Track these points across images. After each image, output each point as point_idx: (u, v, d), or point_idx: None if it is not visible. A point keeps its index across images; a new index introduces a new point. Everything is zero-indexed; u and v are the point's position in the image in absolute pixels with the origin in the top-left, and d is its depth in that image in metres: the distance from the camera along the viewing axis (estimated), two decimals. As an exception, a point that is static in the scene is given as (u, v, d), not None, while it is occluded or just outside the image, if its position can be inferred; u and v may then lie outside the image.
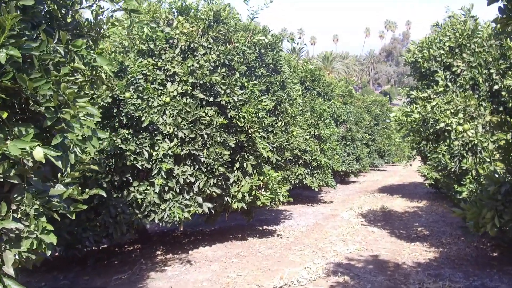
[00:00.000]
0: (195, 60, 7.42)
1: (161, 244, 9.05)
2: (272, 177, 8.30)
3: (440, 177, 12.80)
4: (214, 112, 7.49)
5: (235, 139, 7.73)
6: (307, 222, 11.14)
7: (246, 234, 9.60)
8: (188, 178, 7.38)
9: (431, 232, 9.65)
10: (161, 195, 7.35)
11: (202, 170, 7.45)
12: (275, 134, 9.21)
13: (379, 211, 12.42)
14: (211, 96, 7.55)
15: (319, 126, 13.33)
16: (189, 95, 7.45)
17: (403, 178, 22.23)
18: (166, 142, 7.26)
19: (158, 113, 7.23)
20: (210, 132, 7.34)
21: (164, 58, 7.49)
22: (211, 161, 7.33)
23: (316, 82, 14.62)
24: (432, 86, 7.79)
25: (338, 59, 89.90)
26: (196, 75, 7.34)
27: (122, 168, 7.21)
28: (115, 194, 7.17)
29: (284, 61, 9.87)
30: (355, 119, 19.24)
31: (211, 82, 7.46)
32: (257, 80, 8.69)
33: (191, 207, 7.55)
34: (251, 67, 8.70)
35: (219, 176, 7.58)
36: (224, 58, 7.60)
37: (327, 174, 13.62)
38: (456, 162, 7.05)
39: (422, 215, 11.72)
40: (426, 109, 7.53)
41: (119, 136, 6.86)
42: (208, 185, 7.48)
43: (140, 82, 7.01)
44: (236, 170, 8.13)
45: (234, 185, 8.10)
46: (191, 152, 7.27)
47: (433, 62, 7.77)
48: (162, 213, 7.35)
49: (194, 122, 7.31)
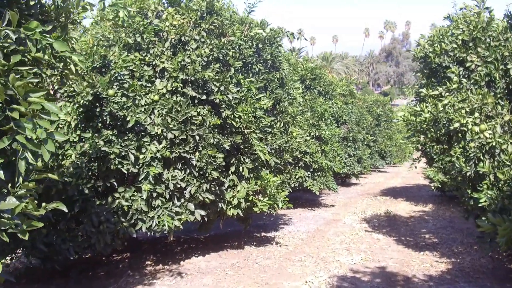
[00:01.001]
0: (186, 55, 6.81)
1: (151, 252, 8.44)
2: (270, 182, 7.69)
3: (447, 180, 12.21)
4: (207, 111, 6.88)
5: (230, 141, 7.12)
6: (307, 228, 10.53)
7: (242, 241, 8.99)
8: (179, 183, 6.77)
9: (440, 239, 9.03)
10: (149, 202, 6.74)
11: (194, 174, 6.83)
12: (274, 135, 8.59)
13: (383, 216, 11.81)
14: (203, 94, 6.94)
15: (320, 126, 12.71)
16: (179, 92, 6.84)
17: (406, 180, 21.61)
18: (154, 144, 6.65)
19: (145, 113, 6.61)
20: (203, 133, 6.73)
21: (153, 53, 6.88)
22: (203, 164, 6.72)
23: (316, 81, 14.00)
24: (443, 83, 7.18)
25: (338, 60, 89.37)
26: (187, 71, 6.73)
27: (106, 172, 6.60)
28: (98, 201, 6.56)
29: (283, 57, 9.26)
30: (357, 119, 18.62)
31: (203, 79, 6.85)
32: (254, 77, 8.07)
33: (182, 214, 6.94)
34: (248, 63, 8.09)
35: (213, 181, 6.97)
36: (218, 52, 6.99)
37: (328, 177, 13.00)
38: (472, 166, 6.43)
39: (428, 220, 11.11)
40: (438, 108, 6.91)
41: (101, 138, 6.24)
42: (200, 190, 6.86)
43: (126, 78, 6.39)
44: (232, 174, 7.52)
45: (229, 190, 7.48)
46: (181, 155, 6.65)
47: (445, 57, 7.14)
48: (150, 222, 6.74)
49: (185, 122, 6.70)
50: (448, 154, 7.29)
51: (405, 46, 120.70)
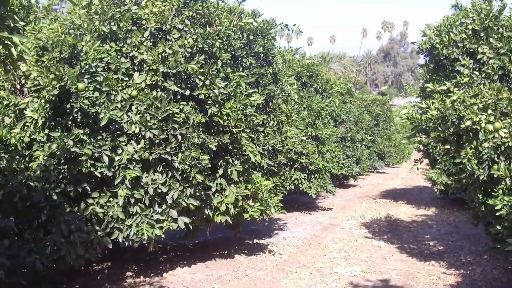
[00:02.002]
0: (167, 45, 6.13)
1: (134, 261, 7.76)
2: (262, 185, 7.02)
3: (451, 182, 11.56)
4: (191, 108, 6.21)
5: (217, 141, 6.46)
6: (303, 233, 9.86)
7: (232, 249, 8.31)
8: (159, 188, 6.10)
9: (446, 247, 8.37)
10: (127, 208, 6.07)
11: (177, 178, 6.16)
12: (267, 135, 7.92)
13: (384, 221, 11.15)
14: (187, 89, 6.27)
15: (317, 126, 12.04)
16: (160, 87, 6.17)
17: (405, 181, 20.97)
18: (132, 144, 5.98)
19: (121, 109, 5.94)
20: (186, 132, 6.06)
21: (130, 43, 6.20)
22: (186, 167, 6.05)
23: (313, 78, 13.33)
24: (452, 78, 6.53)
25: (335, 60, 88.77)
26: (168, 63, 6.05)
27: (78, 176, 5.92)
28: (68, 207, 5.88)
29: (277, 51, 8.60)
30: (355, 119, 17.96)
31: (186, 72, 6.19)
32: (245, 72, 7.40)
33: (164, 222, 6.28)
34: (238, 56, 7.42)
35: (197, 185, 6.30)
36: (203, 43, 6.32)
37: (325, 179, 12.33)
38: (485, 169, 5.77)
39: (432, 225, 10.45)
40: (446, 104, 6.25)
41: (71, 137, 5.57)
42: (183, 196, 6.19)
43: (99, 71, 5.71)
44: (219, 177, 6.85)
45: (217, 195, 6.82)
46: (162, 156, 5.98)
47: (454, 49, 6.48)
48: (128, 230, 6.08)
49: (166, 120, 6.03)
50: (457, 155, 6.63)
51: (403, 46, 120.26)
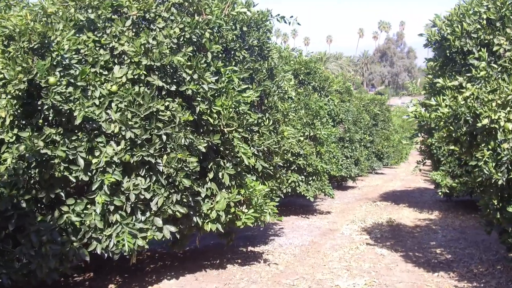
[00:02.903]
0: (151, 35, 5.53)
1: (118, 272, 7.15)
2: (256, 190, 6.43)
3: (456, 185, 10.99)
4: (178, 105, 5.61)
5: (206, 141, 5.86)
6: (301, 240, 9.27)
7: (225, 259, 7.71)
8: (142, 194, 5.50)
9: (454, 255, 7.79)
10: (106, 216, 5.46)
11: (162, 182, 5.56)
12: (262, 135, 7.33)
13: (386, 225, 10.56)
14: (173, 84, 5.66)
15: (315, 125, 11.45)
16: (142, 82, 5.56)
17: (405, 183, 20.40)
18: (111, 145, 5.37)
19: (100, 106, 5.33)
20: (171, 132, 5.46)
21: (110, 33, 5.60)
22: (172, 170, 5.44)
23: (311, 76, 12.73)
24: (464, 72, 5.95)
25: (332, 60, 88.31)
26: (152, 55, 5.44)
27: (51, 181, 5.31)
28: (40, 216, 5.27)
29: (273, 45, 8.01)
30: (354, 118, 17.40)
31: (172, 65, 5.58)
32: (238, 66, 6.81)
33: (148, 231, 5.67)
34: (230, 49, 6.82)
35: (185, 190, 5.69)
36: (191, 33, 5.71)
37: (324, 181, 11.75)
38: (504, 172, 5.18)
39: (437, 231, 9.87)
40: (458, 101, 5.67)
41: (42, 138, 4.95)
42: (169, 202, 5.59)
43: (73, 63, 5.10)
44: (209, 181, 6.25)
45: (207, 201, 6.21)
46: (144, 158, 5.37)
47: (467, 40, 5.91)
48: (107, 241, 5.47)
49: (149, 119, 5.42)
50: (469, 158, 6.05)
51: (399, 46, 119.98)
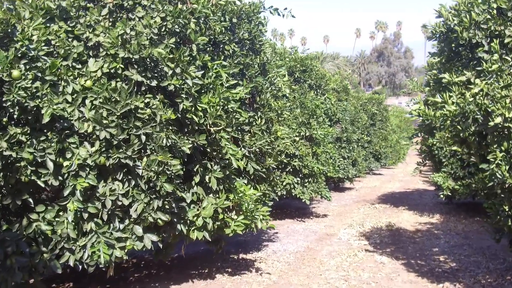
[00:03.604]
0: (129, 25, 5.02)
1: (99, 281, 6.62)
2: (246, 195, 5.92)
3: (459, 187, 10.50)
4: (159, 102, 5.10)
5: (191, 142, 5.35)
6: (296, 246, 8.77)
7: (214, 267, 7.20)
8: (120, 200, 5.00)
9: (459, 263, 7.31)
10: (80, 225, 4.95)
11: (141, 187, 5.05)
12: (253, 135, 6.84)
13: (385, 230, 10.07)
14: (153, 79, 5.15)
15: (311, 125, 10.95)
16: (120, 76, 5.05)
17: (404, 184, 19.91)
18: (85, 146, 4.86)
19: (72, 104, 4.82)
20: (152, 132, 4.95)
21: (84, 22, 5.09)
22: (152, 174, 4.94)
23: (307, 73, 12.23)
24: (472, 66, 5.46)
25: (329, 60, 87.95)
26: (130, 47, 4.94)
27: (17, 186, 4.79)
28: (5, 225, 4.76)
29: (265, 39, 7.50)
30: (351, 118, 16.91)
31: (153, 58, 5.07)
32: (227, 61, 6.31)
33: (127, 241, 5.18)
34: (218, 42, 6.32)
35: (167, 195, 5.19)
36: (174, 23, 5.20)
37: (320, 183, 11.26)
38: (518, 176, 4.71)
39: (439, 236, 9.38)
40: (466, 98, 5.19)
41: (5, 138, 4.43)
42: (150, 209, 5.09)
43: (41, 55, 4.59)
44: (195, 185, 5.74)
45: (193, 207, 5.70)
46: (122, 161, 4.86)
47: (476, 31, 5.43)
48: (81, 252, 4.96)
49: (127, 117, 4.91)
50: (477, 160, 5.57)
51: (396, 46, 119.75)
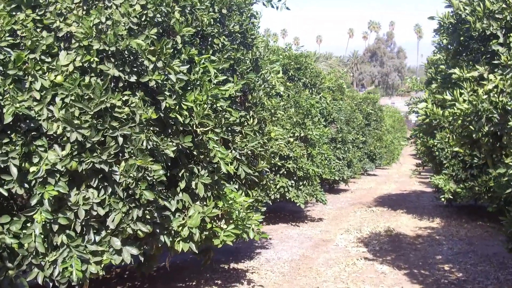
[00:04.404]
0: (105, 14, 4.48)
1: (78, 296, 6.07)
2: (236, 202, 5.40)
3: (461, 190, 10.04)
4: (139, 100, 4.57)
5: (175, 144, 4.82)
6: (291, 253, 8.26)
7: (203, 279, 6.68)
8: (95, 209, 4.46)
9: (466, 273, 6.83)
10: (49, 238, 4.41)
11: (119, 195, 4.52)
12: (245, 136, 6.32)
13: (384, 235, 9.58)
14: (132, 74, 4.61)
15: (306, 125, 10.45)
16: (94, 71, 4.51)
17: (400, 185, 19.46)
18: (55, 150, 4.32)
19: (40, 101, 4.28)
20: (130, 133, 4.41)
21: (54, 10, 4.55)
22: (131, 180, 4.40)
23: (301, 71, 11.74)
24: (485, 61, 4.98)
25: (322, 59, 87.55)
26: (105, 39, 4.40)
27: (-23, 194, 4.25)
28: (-37, 239, 4.21)
29: (258, 33, 6.98)
30: (347, 118, 16.44)
31: (131, 50, 4.54)
32: (216, 56, 5.79)
33: (103, 254, 4.63)
34: (207, 35, 5.79)
35: (148, 204, 4.65)
36: (155, 11, 4.67)
37: (315, 186, 10.76)
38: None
39: (441, 242, 8.91)
40: (479, 95, 4.71)
41: (-40, 140, 3.89)
42: (129, 219, 4.55)
43: (3, 46, 4.04)
44: (181, 192, 5.20)
45: (178, 216, 5.17)
46: (96, 166, 4.32)
47: (490, 21, 4.94)
48: (51, 268, 4.41)
49: (102, 117, 4.38)
50: (490, 163, 5.09)
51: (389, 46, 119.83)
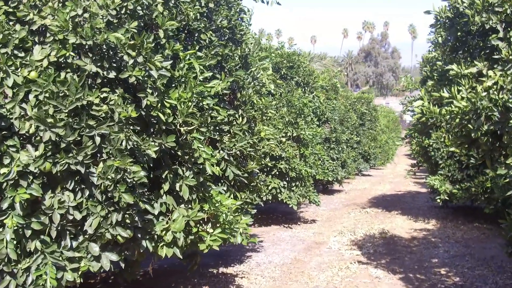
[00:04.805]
0: (82, 6, 4.22)
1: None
2: (223, 206, 5.14)
3: (457, 191, 9.83)
4: (118, 97, 4.30)
5: (158, 144, 4.55)
6: (282, 256, 8.01)
7: (189, 284, 6.42)
8: (71, 213, 4.19)
9: (463, 277, 6.60)
10: (22, 244, 4.14)
11: (97, 198, 4.25)
12: (234, 136, 6.06)
13: (378, 238, 9.35)
14: (111, 70, 4.35)
15: (298, 125, 10.21)
16: (70, 66, 4.25)
17: (394, 186, 19.26)
18: (27, 150, 4.05)
19: (13, 99, 4.01)
20: (108, 132, 4.15)
21: (28, 2, 4.27)
22: (109, 183, 4.13)
23: (294, 70, 11.49)
24: (484, 56, 4.75)
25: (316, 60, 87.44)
26: (82, 32, 4.13)
27: None
28: None
29: (247, 27, 6.72)
30: (341, 117, 16.22)
31: (110, 45, 4.27)
32: (203, 52, 5.53)
33: (81, 261, 4.37)
34: (193, 30, 5.53)
35: (128, 208, 4.38)
36: (136, 3, 4.41)
37: (308, 187, 10.52)
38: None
39: (437, 244, 8.68)
40: (478, 92, 4.48)
41: None
42: (107, 224, 4.28)
43: (-30, 39, 3.78)
44: (164, 194, 4.94)
45: (162, 219, 4.90)
46: (71, 167, 4.05)
47: (490, 15, 4.71)
48: (24, 276, 4.14)
49: (79, 115, 4.11)
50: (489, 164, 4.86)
51: (383, 46, 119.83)
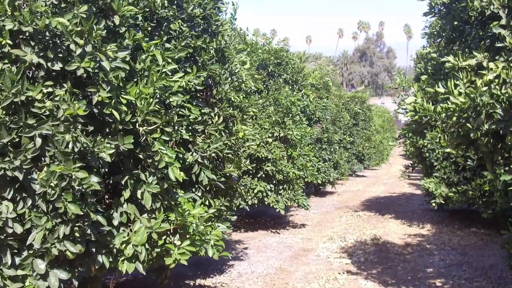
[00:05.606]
0: (21, -14, 3.66)
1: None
2: (191, 215, 4.58)
3: (453, 194, 9.31)
4: (65, 92, 3.74)
5: (114, 146, 3.99)
6: (266, 265, 7.46)
7: (162, 300, 5.87)
8: (10, 226, 3.63)
9: (459, 290, 6.09)
10: (-48, 261, 3.58)
11: (42, 209, 3.69)
12: (208, 136, 5.50)
13: (370, 244, 8.81)
14: (56, 61, 3.78)
15: (285, 124, 9.66)
16: (8, 57, 3.68)
17: (389, 187, 18.74)
18: (-44, 153, 3.49)
19: None
20: (52, 133, 3.59)
21: (-41, -17, 3.71)
22: (53, 191, 3.57)
23: (282, 67, 10.94)
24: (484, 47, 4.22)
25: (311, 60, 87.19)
26: (21, 17, 3.57)
27: None
28: None
29: (224, 18, 6.18)
30: (333, 117, 15.67)
31: (55, 32, 3.71)
32: (172, 43, 4.97)
33: (26, 280, 3.82)
34: (161, 19, 4.98)
35: (77, 219, 3.82)
36: (85, -16, 3.85)
37: (297, 190, 9.98)
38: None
39: (432, 251, 8.15)
40: (477, 87, 3.94)
41: None
42: (54, 238, 3.73)
43: None
44: (125, 202, 4.38)
45: (122, 230, 4.35)
46: (7, 173, 3.49)
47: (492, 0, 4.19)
48: (-45, 299, 3.59)
49: (17, 112, 3.55)
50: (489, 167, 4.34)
51: (379, 46, 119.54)
